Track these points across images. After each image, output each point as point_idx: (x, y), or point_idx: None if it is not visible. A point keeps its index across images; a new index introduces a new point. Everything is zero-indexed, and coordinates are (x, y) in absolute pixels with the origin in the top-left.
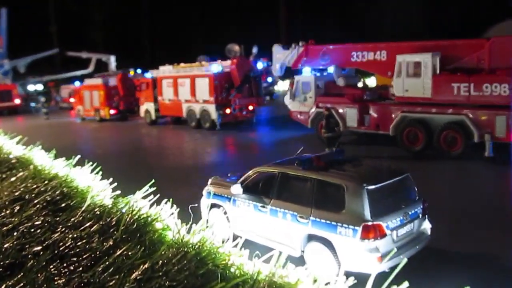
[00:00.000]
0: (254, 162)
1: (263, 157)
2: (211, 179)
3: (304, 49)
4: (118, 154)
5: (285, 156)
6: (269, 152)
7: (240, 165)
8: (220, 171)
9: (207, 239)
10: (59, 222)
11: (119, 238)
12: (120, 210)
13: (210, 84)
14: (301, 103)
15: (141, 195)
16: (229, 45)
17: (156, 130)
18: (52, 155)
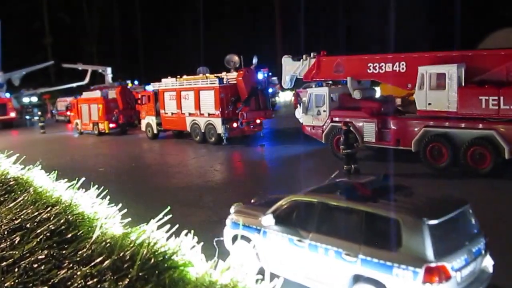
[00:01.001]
0: (269, 182)
1: (277, 175)
2: (234, 206)
3: (316, 61)
4: (122, 172)
5: (302, 174)
6: (282, 170)
7: (254, 184)
8: (234, 191)
9: (238, 281)
10: (65, 256)
11: (135, 277)
12: (134, 242)
13: (215, 97)
14: (314, 117)
15: (156, 224)
16: (228, 55)
17: (158, 145)
18: (53, 176)
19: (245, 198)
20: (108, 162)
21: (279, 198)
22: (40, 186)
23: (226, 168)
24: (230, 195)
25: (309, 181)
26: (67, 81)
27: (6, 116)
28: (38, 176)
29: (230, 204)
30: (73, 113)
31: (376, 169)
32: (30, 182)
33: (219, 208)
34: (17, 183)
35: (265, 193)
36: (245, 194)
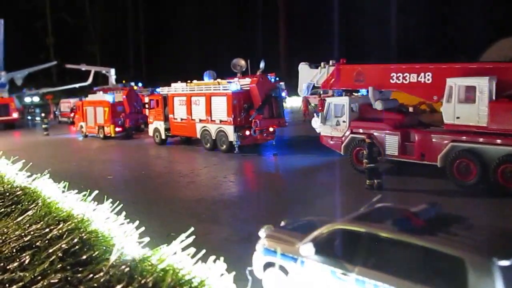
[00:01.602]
0: (288, 196)
1: (295, 188)
2: (264, 229)
3: (336, 69)
4: (131, 181)
5: (322, 188)
6: (300, 183)
7: (272, 198)
8: (252, 206)
9: None
10: (80, 281)
11: None
12: (155, 266)
13: (228, 103)
14: (333, 127)
15: (178, 246)
16: (234, 59)
17: (166, 151)
18: (62, 187)
19: (266, 214)
20: (116, 169)
21: (313, 222)
22: (48, 197)
23: (241, 179)
24: (249, 211)
25: (331, 196)
26: (69, 81)
27: (9, 117)
28: (47, 186)
29: (250, 220)
30: (78, 116)
31: (399, 185)
32: (38, 193)
33: (239, 225)
34: (25, 193)
35: (292, 215)
36: (265, 210)
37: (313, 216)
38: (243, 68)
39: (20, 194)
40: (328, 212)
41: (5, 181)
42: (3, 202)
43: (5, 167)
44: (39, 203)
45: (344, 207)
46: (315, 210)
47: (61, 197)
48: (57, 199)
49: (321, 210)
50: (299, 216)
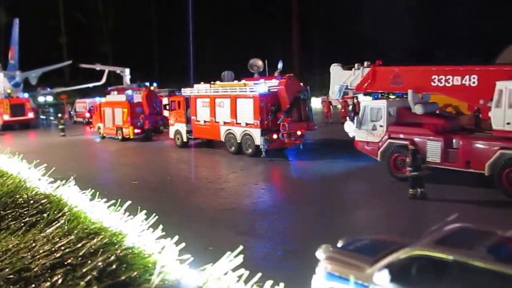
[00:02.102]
0: (327, 205)
1: (333, 197)
2: (322, 250)
3: (371, 71)
4: (158, 187)
5: (361, 197)
6: (337, 190)
7: (310, 207)
8: (291, 217)
9: None
10: None
11: None
12: None
13: (255, 106)
14: (369, 132)
15: (227, 266)
16: (251, 60)
17: (189, 154)
18: (89, 194)
19: (305, 226)
20: (139, 173)
21: (378, 243)
22: (75, 206)
23: (272, 186)
24: (287, 222)
25: (372, 206)
26: (82, 81)
27: (25, 117)
28: (72, 193)
29: (290, 233)
30: (96, 117)
31: (443, 194)
32: (64, 201)
33: (279, 238)
34: (50, 201)
35: (334, 228)
36: (304, 221)
37: (367, 233)
38: (260, 69)
39: (45, 203)
40: (375, 225)
41: (28, 188)
42: (27, 210)
43: (26, 172)
44: (66, 213)
45: (390, 220)
46: (359, 223)
47: (89, 206)
48: (85, 208)
49: (366, 223)
50: (343, 230)
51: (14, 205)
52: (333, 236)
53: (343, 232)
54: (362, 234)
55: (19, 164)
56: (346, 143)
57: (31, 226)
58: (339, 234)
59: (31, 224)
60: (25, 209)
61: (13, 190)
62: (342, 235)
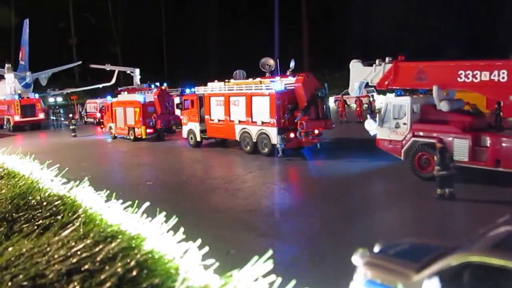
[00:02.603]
0: (351, 206)
1: (357, 198)
2: (359, 255)
3: (393, 66)
4: (173, 188)
5: (386, 197)
6: (360, 191)
7: (335, 209)
8: (317, 218)
9: None
10: None
11: None
12: None
13: (271, 104)
14: (391, 130)
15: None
16: (263, 59)
17: (203, 154)
18: (104, 195)
19: (330, 228)
20: (153, 173)
21: (420, 247)
22: (90, 207)
23: (292, 187)
24: (310, 224)
25: (399, 208)
26: (91, 81)
27: (35, 117)
28: (87, 194)
29: (314, 236)
30: (107, 117)
31: (472, 194)
32: (79, 204)
33: (303, 241)
34: (63, 203)
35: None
36: (328, 223)
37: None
38: (272, 68)
39: (59, 205)
40: (404, 228)
41: (40, 189)
42: (41, 213)
43: (39, 173)
44: (81, 215)
45: (420, 222)
46: (386, 225)
47: (104, 207)
48: (100, 210)
49: (395, 225)
50: (371, 233)
51: (26, 207)
52: (362, 239)
53: (371, 235)
54: (392, 237)
55: (31, 165)
56: (363, 142)
57: (44, 229)
58: (367, 237)
59: (45, 227)
60: (38, 211)
61: (26, 191)
62: (371, 238)
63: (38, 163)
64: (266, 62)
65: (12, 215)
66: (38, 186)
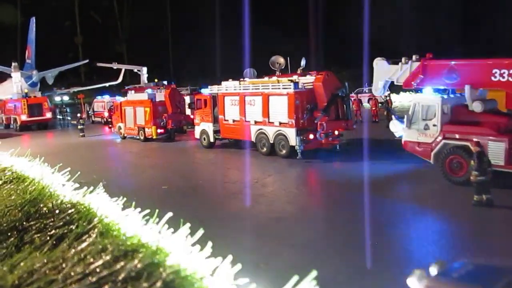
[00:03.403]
0: (381, 214)
1: (385, 204)
2: (417, 277)
3: (421, 65)
4: (190, 192)
5: (418, 205)
6: (388, 196)
7: (365, 219)
8: (345, 230)
9: None
10: None
11: None
12: None
13: (289, 104)
14: (420, 131)
15: None
16: (273, 57)
17: (217, 156)
18: (120, 203)
19: (365, 241)
20: (168, 177)
21: (487, 269)
22: (106, 216)
23: (316, 191)
24: (343, 235)
25: (437, 217)
26: (97, 80)
27: (42, 117)
28: (101, 201)
29: (348, 249)
30: (116, 116)
31: (510, 201)
32: (93, 211)
33: (337, 256)
34: (77, 210)
35: (399, 244)
36: (362, 235)
37: (442, 248)
38: (282, 66)
39: (72, 213)
40: (446, 239)
41: (52, 195)
42: (53, 222)
43: (50, 177)
44: (97, 225)
45: (462, 233)
46: (428, 236)
47: (121, 216)
48: (117, 219)
49: (437, 236)
50: (413, 245)
51: (38, 215)
52: (405, 252)
53: (414, 248)
54: (440, 252)
55: (40, 168)
56: (382, 143)
57: (58, 240)
58: (411, 251)
59: (58, 237)
60: (50, 219)
61: (36, 197)
62: (415, 253)
63: (48, 166)
64: (276, 60)
65: (22, 224)
66: (49, 191)
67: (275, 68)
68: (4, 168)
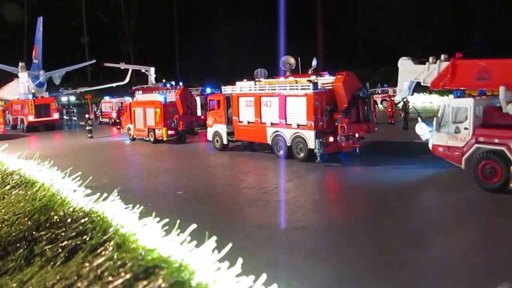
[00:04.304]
0: (414, 224)
1: (415, 212)
2: None
3: (451, 65)
4: (207, 200)
5: (454, 214)
6: (418, 204)
7: (396, 229)
8: (381, 243)
9: None
10: None
11: None
12: None
13: (308, 105)
14: (450, 135)
15: None
16: (283, 57)
17: (231, 159)
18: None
19: (405, 252)
20: (182, 181)
21: None
22: (122, 226)
23: (340, 198)
24: (380, 246)
25: (471, 224)
26: (103, 80)
27: (50, 117)
28: (116, 209)
29: (394, 266)
30: (125, 117)
31: None
32: (108, 220)
33: (384, 272)
34: (91, 220)
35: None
36: (399, 245)
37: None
38: (293, 66)
39: (86, 222)
40: (499, 254)
41: (63, 201)
42: (65, 232)
43: (60, 182)
44: (112, 236)
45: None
46: (474, 249)
47: (138, 226)
48: (134, 229)
49: (484, 250)
50: (461, 260)
51: (48, 224)
52: (452, 269)
53: (463, 263)
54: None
55: (50, 172)
56: (402, 146)
57: (71, 252)
58: (461, 267)
59: (71, 249)
60: (62, 229)
61: (47, 204)
62: (465, 268)
63: (57, 169)
64: (286, 61)
65: (32, 234)
66: (61, 198)
67: (286, 69)
68: (12, 172)
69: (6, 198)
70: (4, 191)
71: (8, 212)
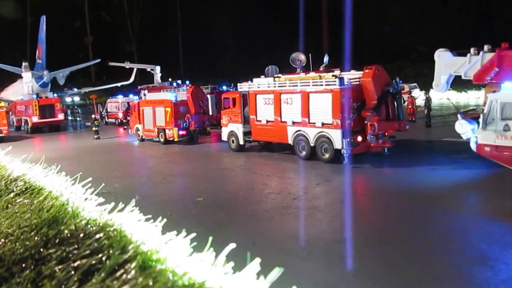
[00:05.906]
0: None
1: (467, 222)
2: None
3: (497, 56)
4: (231, 207)
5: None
6: (466, 211)
7: (455, 241)
8: (429, 258)
9: None
10: None
11: None
12: None
13: (334, 102)
14: (498, 133)
15: None
16: (294, 54)
17: (249, 160)
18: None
19: (472, 271)
20: (200, 186)
21: None
22: (143, 242)
23: (379, 205)
24: (437, 262)
25: None
26: (106, 80)
27: (54, 118)
28: (135, 222)
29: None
30: (134, 117)
31: None
32: (126, 236)
33: None
34: (107, 235)
35: None
36: (461, 261)
37: None
38: (303, 63)
39: (102, 238)
40: None
41: (74, 213)
42: (78, 250)
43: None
44: (132, 255)
45: None
46: None
47: (160, 242)
48: (156, 246)
49: None
50: None
51: (58, 240)
52: None
53: None
54: None
55: (57, 178)
56: (431, 145)
57: (84, 274)
58: None
59: (86, 271)
60: (73, 246)
61: (56, 216)
62: None
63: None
64: (296, 57)
65: (40, 252)
66: (72, 209)
67: (296, 65)
68: (16, 177)
69: (10, 208)
70: (8, 199)
71: (12, 225)
